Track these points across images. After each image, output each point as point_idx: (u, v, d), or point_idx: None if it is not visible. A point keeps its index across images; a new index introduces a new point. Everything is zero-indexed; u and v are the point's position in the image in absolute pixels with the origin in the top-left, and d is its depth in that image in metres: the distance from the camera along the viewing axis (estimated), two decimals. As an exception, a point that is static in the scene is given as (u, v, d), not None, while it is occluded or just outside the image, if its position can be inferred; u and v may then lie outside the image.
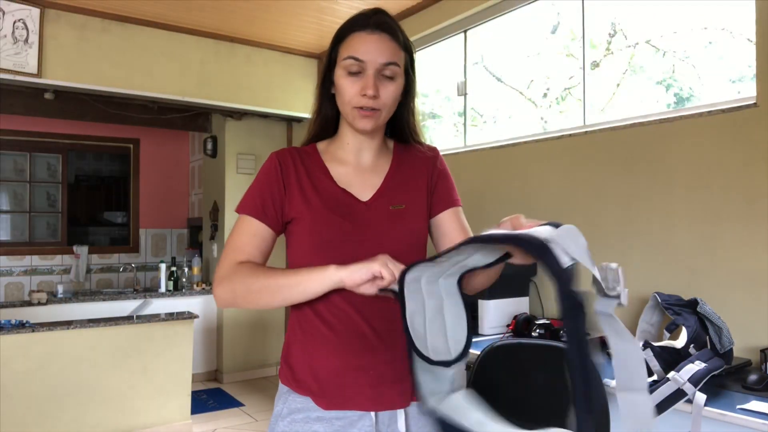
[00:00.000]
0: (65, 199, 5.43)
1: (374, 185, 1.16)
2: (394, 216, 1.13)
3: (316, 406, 1.09)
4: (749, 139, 2.00)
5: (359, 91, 1.08)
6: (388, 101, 1.11)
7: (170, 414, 3.64)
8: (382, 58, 1.08)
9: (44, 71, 3.52)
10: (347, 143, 1.18)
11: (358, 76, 1.09)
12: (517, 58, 3.27)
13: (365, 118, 1.10)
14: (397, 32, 1.12)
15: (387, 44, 1.09)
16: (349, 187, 1.15)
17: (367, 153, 1.18)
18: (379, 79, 1.09)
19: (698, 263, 2.14)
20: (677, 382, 1.56)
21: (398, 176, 1.18)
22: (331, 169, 1.16)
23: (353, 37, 1.10)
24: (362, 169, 1.18)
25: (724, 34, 2.31)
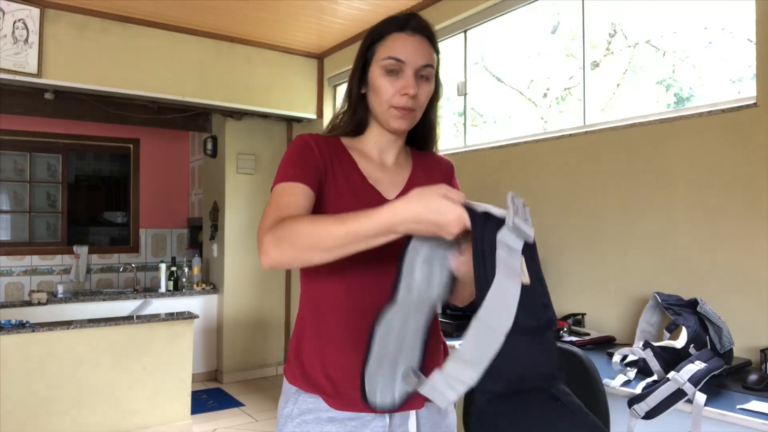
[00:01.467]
0: (65, 199, 5.42)
1: (398, 184, 1.18)
2: None
3: (327, 406, 1.08)
4: (749, 139, 2.00)
5: (399, 90, 1.09)
6: (424, 102, 1.14)
7: (170, 414, 3.64)
8: (422, 60, 1.11)
9: (44, 71, 3.52)
10: (374, 142, 1.19)
11: (397, 76, 1.10)
12: (517, 58, 3.27)
13: (401, 118, 1.12)
14: (433, 36, 1.15)
15: (425, 47, 1.12)
16: (377, 184, 1.15)
17: (391, 153, 1.20)
18: (417, 80, 1.11)
19: (698, 263, 2.14)
20: (677, 382, 1.56)
21: (420, 179, 1.20)
22: (359, 164, 1.17)
23: (393, 37, 1.12)
24: (387, 167, 1.19)
25: (724, 34, 2.31)
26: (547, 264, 2.72)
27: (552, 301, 0.95)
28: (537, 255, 0.89)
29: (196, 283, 5.00)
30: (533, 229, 0.87)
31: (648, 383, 1.68)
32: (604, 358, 2.05)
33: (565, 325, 2.32)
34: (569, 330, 2.32)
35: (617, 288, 2.42)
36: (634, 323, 2.20)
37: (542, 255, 2.91)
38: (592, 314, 2.51)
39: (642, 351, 1.77)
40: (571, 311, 2.56)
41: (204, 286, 4.97)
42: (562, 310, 2.62)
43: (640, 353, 1.78)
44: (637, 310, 2.26)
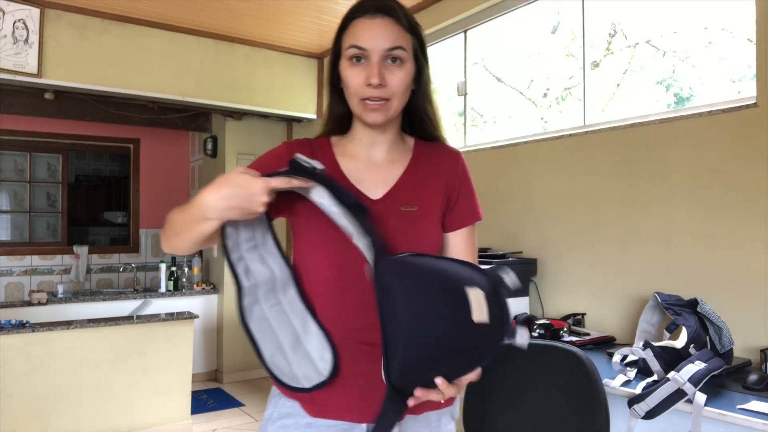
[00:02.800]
0: (65, 199, 5.42)
1: (387, 183, 1.09)
2: (405, 218, 1.06)
3: (305, 412, 1.04)
4: (749, 139, 2.00)
5: (364, 81, 1.01)
6: (397, 89, 1.03)
7: (170, 414, 3.64)
8: (386, 43, 1.01)
9: (44, 71, 3.52)
10: (359, 138, 1.12)
11: (363, 66, 1.02)
12: (517, 58, 3.27)
13: (374, 111, 1.03)
14: (400, 14, 1.04)
15: (390, 27, 1.02)
16: (359, 184, 1.07)
17: (380, 148, 1.11)
18: (385, 67, 1.02)
19: (698, 263, 2.14)
20: (677, 382, 1.56)
21: (415, 176, 1.11)
22: (341, 164, 1.10)
23: (354, 24, 1.04)
24: (374, 165, 1.11)
25: (724, 34, 2.31)
26: (547, 264, 2.72)
27: (550, 300, 0.98)
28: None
29: (196, 283, 5.00)
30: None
31: (648, 383, 1.68)
32: (604, 358, 2.05)
33: (565, 325, 2.32)
34: (569, 330, 2.32)
35: (617, 288, 2.42)
36: (634, 323, 2.20)
37: (542, 255, 2.91)
38: (592, 314, 2.51)
39: (642, 351, 1.77)
40: (571, 311, 2.56)
41: (204, 286, 4.97)
42: (562, 310, 2.62)
43: (640, 353, 1.78)
44: (637, 310, 2.26)
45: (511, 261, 2.70)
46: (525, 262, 2.72)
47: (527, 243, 2.83)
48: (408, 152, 1.14)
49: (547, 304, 2.70)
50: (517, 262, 2.70)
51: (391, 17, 1.03)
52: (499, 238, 2.99)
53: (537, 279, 2.73)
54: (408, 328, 0.85)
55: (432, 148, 1.15)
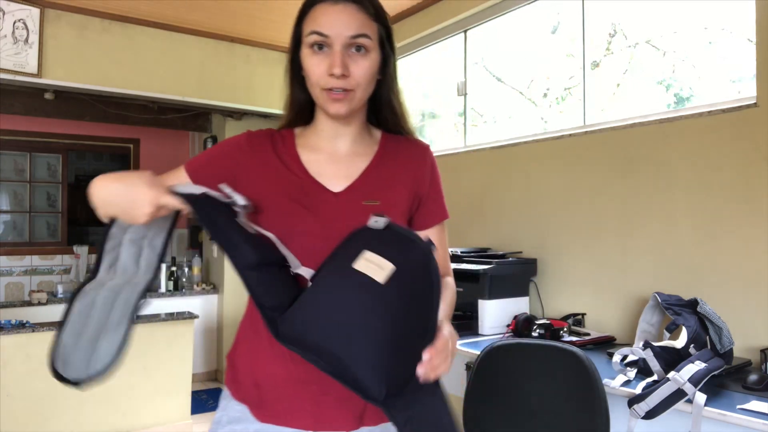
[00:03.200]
0: (65, 199, 5.42)
1: (349, 177, 1.04)
2: (366, 212, 0.99)
3: (254, 417, 1.00)
4: (749, 139, 2.00)
5: (326, 70, 0.96)
6: (362, 79, 0.98)
7: (170, 414, 3.64)
8: (349, 31, 0.96)
9: (44, 71, 3.52)
10: (321, 130, 1.07)
11: (325, 54, 0.97)
12: (517, 58, 3.27)
13: (336, 101, 0.98)
14: (365, 2, 0.99)
15: (354, 14, 0.97)
16: (320, 177, 1.03)
17: (344, 140, 1.07)
18: (349, 56, 0.97)
19: (698, 263, 2.14)
20: (677, 382, 1.56)
21: (380, 170, 1.06)
22: (302, 156, 1.06)
23: (316, 9, 0.99)
24: (337, 158, 1.06)
25: (724, 34, 2.31)
26: (547, 264, 2.72)
27: (550, 300, 0.98)
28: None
29: (196, 283, 5.00)
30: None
31: (648, 383, 1.68)
32: (604, 358, 2.05)
33: (565, 325, 2.32)
34: (569, 330, 2.32)
35: (617, 288, 2.42)
36: (634, 323, 2.20)
37: (542, 255, 2.91)
38: (592, 314, 2.51)
39: (642, 351, 1.77)
40: (571, 311, 2.56)
41: (204, 286, 4.97)
42: (562, 310, 2.62)
43: (640, 353, 1.78)
44: (637, 310, 2.26)
45: (511, 261, 2.70)
46: (525, 262, 2.72)
47: (527, 243, 2.83)
48: (374, 145, 1.10)
49: (547, 304, 2.70)
50: (517, 262, 2.70)
51: (356, 3, 0.98)
52: (499, 238, 2.99)
53: (537, 279, 2.73)
54: (348, 338, 0.85)
55: (399, 141, 1.11)
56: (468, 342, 2.38)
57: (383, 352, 0.85)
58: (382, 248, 0.88)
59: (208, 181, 1.01)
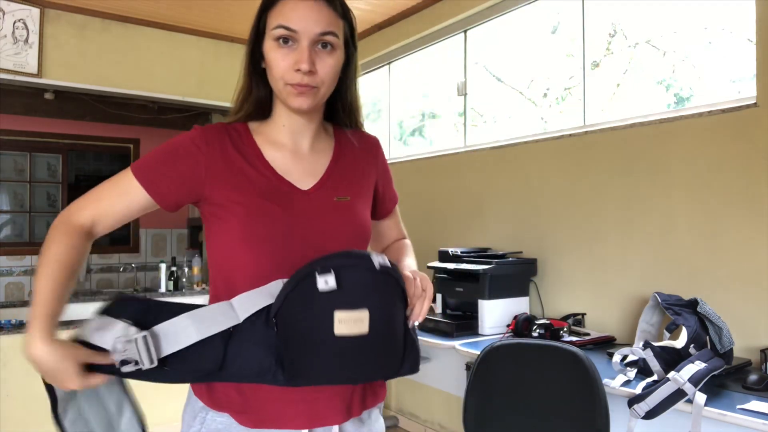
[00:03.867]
0: (65, 199, 5.42)
1: (315, 173, 1.03)
2: (340, 208, 1.01)
3: (240, 426, 0.94)
4: (749, 139, 2.00)
5: (292, 65, 0.94)
6: (327, 77, 0.97)
7: (170, 414, 3.64)
8: (318, 27, 0.95)
9: (44, 71, 3.52)
10: (282, 125, 1.04)
11: (290, 48, 0.95)
12: (517, 58, 3.27)
13: (301, 95, 0.96)
14: (334, 0, 0.99)
15: (323, 11, 0.96)
16: (287, 175, 1.01)
17: (306, 136, 1.05)
18: (315, 52, 0.95)
19: (698, 263, 2.14)
20: (677, 382, 1.56)
21: (342, 165, 1.07)
22: (265, 153, 1.02)
23: (283, 3, 0.97)
24: (301, 154, 1.04)
25: (724, 34, 2.31)
26: (547, 264, 2.72)
27: (550, 300, 1.01)
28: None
29: (196, 283, 4.99)
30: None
31: (648, 383, 1.68)
32: (604, 358, 2.05)
33: (565, 325, 2.32)
34: (569, 330, 2.32)
35: (617, 288, 2.42)
36: (634, 323, 2.20)
37: (542, 255, 2.90)
38: (592, 314, 2.51)
39: (642, 351, 1.77)
40: (571, 311, 2.56)
41: (204, 286, 4.97)
42: (562, 310, 2.62)
43: (640, 353, 1.78)
44: (637, 310, 2.26)
45: (511, 261, 2.70)
46: (525, 262, 2.72)
47: (527, 243, 2.83)
48: (330, 140, 1.10)
49: (547, 304, 2.70)
50: (517, 262, 2.70)
51: (325, 0, 0.97)
52: (499, 238, 2.99)
53: (537, 279, 2.73)
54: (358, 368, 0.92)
55: (352, 135, 1.12)
56: (468, 342, 2.38)
57: (385, 356, 0.94)
58: (347, 295, 0.88)
59: (168, 186, 0.97)
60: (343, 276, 0.87)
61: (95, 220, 0.97)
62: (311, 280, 0.86)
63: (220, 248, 0.99)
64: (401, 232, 1.25)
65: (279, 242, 0.95)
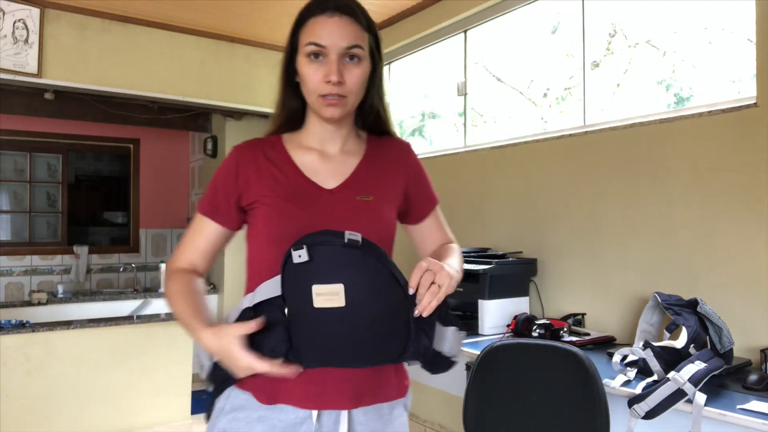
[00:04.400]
0: (65, 199, 5.42)
1: (343, 174, 1.12)
2: (361, 207, 1.09)
3: (258, 403, 1.05)
4: (749, 139, 2.00)
5: (323, 78, 1.04)
6: (354, 87, 1.07)
7: (170, 414, 3.64)
8: (344, 42, 1.04)
9: (44, 71, 3.51)
10: (314, 132, 1.14)
11: (321, 62, 1.05)
12: (517, 58, 3.27)
13: (331, 106, 1.06)
14: (358, 13, 1.07)
15: (349, 26, 1.05)
16: (315, 176, 1.11)
17: (336, 142, 1.15)
18: (344, 64, 1.05)
19: (698, 263, 2.14)
20: (677, 382, 1.56)
21: (370, 168, 1.15)
22: (295, 158, 1.12)
23: (313, 21, 1.06)
24: (329, 157, 1.14)
25: (724, 34, 2.31)
26: (546, 264, 2.72)
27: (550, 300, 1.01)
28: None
29: (196, 283, 4.99)
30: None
31: (648, 383, 1.68)
32: (604, 358, 2.05)
33: (565, 325, 2.32)
34: (569, 330, 2.32)
35: (617, 288, 2.42)
36: (634, 323, 2.20)
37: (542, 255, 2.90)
38: (592, 314, 2.51)
39: (642, 351, 1.77)
40: (571, 311, 2.56)
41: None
42: (562, 310, 2.62)
43: (640, 353, 1.78)
44: (637, 310, 2.26)
45: (511, 261, 2.70)
46: (525, 262, 2.72)
47: (527, 243, 2.83)
48: (362, 145, 1.18)
49: (547, 304, 2.70)
50: (517, 262, 2.70)
51: (350, 16, 1.06)
52: (499, 238, 2.99)
53: (537, 279, 2.73)
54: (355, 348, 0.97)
55: (384, 141, 1.20)
56: (468, 342, 2.38)
57: (382, 338, 0.96)
58: (321, 270, 0.93)
59: (224, 208, 1.13)
60: (315, 251, 0.93)
61: (191, 262, 1.14)
62: (289, 258, 0.94)
63: (251, 249, 1.13)
64: (446, 235, 1.27)
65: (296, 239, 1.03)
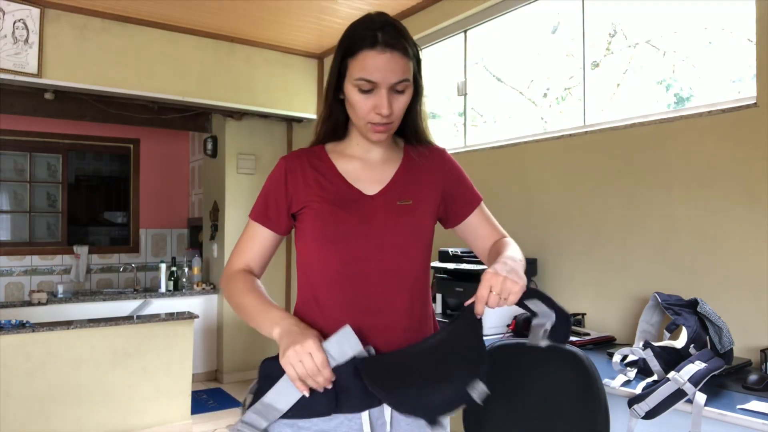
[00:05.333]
0: (65, 199, 5.42)
1: (383, 181, 1.19)
2: (401, 211, 1.16)
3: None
4: (749, 139, 2.00)
5: (372, 109, 1.10)
6: (400, 113, 1.14)
7: (170, 414, 3.64)
8: (395, 77, 1.09)
9: (44, 71, 3.52)
10: (356, 144, 1.21)
11: (371, 94, 1.10)
12: (517, 58, 3.27)
13: (378, 132, 1.13)
14: (407, 47, 1.12)
15: (398, 62, 1.09)
16: (357, 183, 1.17)
17: (377, 151, 1.22)
18: (391, 95, 1.11)
19: (698, 263, 2.14)
20: (677, 382, 1.56)
21: (408, 173, 1.21)
22: (339, 166, 1.19)
23: (364, 56, 1.08)
24: (371, 165, 1.20)
25: (724, 34, 2.31)
26: (546, 264, 2.72)
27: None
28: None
29: (196, 283, 4.99)
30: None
31: (648, 383, 1.68)
32: (604, 358, 2.05)
33: (565, 325, 2.32)
34: (569, 330, 2.32)
35: (617, 288, 2.42)
36: (634, 323, 2.20)
37: (542, 255, 2.90)
38: (592, 314, 2.51)
39: (642, 351, 1.77)
40: (571, 311, 2.56)
41: (204, 286, 4.97)
42: (562, 310, 2.62)
43: (640, 353, 1.78)
44: (637, 310, 2.26)
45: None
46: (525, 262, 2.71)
47: (527, 243, 2.82)
48: (400, 152, 1.25)
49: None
50: (517, 262, 2.69)
51: (400, 52, 1.10)
52: (499, 238, 2.98)
53: (537, 279, 2.73)
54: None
55: (420, 148, 1.26)
56: (468, 342, 2.37)
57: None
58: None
59: (275, 214, 1.19)
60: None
61: (247, 264, 1.20)
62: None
63: (300, 248, 1.20)
64: (497, 230, 1.30)
65: (343, 241, 1.12)
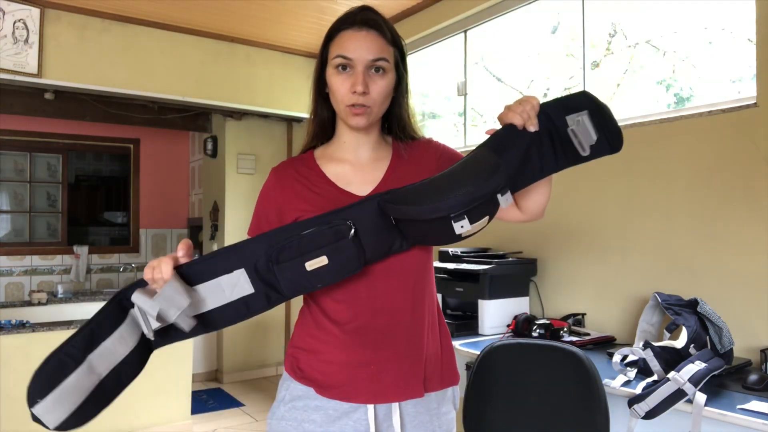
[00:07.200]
0: (65, 199, 5.42)
1: (374, 180, 1.18)
2: None
3: (317, 394, 1.12)
4: (749, 139, 2.00)
5: (349, 89, 1.10)
6: (379, 97, 1.13)
7: (170, 414, 3.64)
8: (370, 54, 1.10)
9: (44, 71, 3.52)
10: (344, 141, 1.21)
11: (348, 74, 1.11)
12: (517, 58, 3.27)
13: (357, 115, 1.12)
14: (384, 28, 1.14)
15: (374, 40, 1.11)
16: (348, 186, 1.17)
17: (365, 149, 1.21)
18: (369, 76, 1.11)
19: (698, 263, 2.14)
20: (677, 382, 1.56)
21: (399, 170, 1.20)
22: (327, 171, 1.19)
23: (341, 35, 1.13)
24: (361, 165, 1.20)
25: (724, 34, 2.31)
26: (547, 264, 2.72)
27: (550, 300, 1.00)
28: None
29: (196, 283, 4.99)
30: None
31: (648, 383, 1.68)
32: (604, 358, 2.05)
33: (565, 325, 2.32)
34: (569, 330, 2.32)
35: (617, 288, 2.42)
36: (634, 323, 2.20)
37: (542, 255, 2.89)
38: (592, 314, 2.51)
39: (642, 351, 1.77)
40: (571, 311, 2.56)
41: (204, 286, 4.97)
42: (562, 310, 2.62)
43: (640, 353, 1.78)
44: (637, 310, 2.26)
45: (511, 261, 2.70)
46: (525, 262, 2.72)
47: (527, 243, 2.83)
48: (389, 150, 1.24)
49: (547, 304, 2.70)
50: (517, 262, 2.70)
51: (376, 30, 1.12)
52: (499, 238, 2.99)
53: (537, 279, 2.73)
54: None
55: (408, 144, 1.25)
56: (468, 342, 2.38)
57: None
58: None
59: (269, 227, 1.16)
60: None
61: None
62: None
63: None
64: None
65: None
